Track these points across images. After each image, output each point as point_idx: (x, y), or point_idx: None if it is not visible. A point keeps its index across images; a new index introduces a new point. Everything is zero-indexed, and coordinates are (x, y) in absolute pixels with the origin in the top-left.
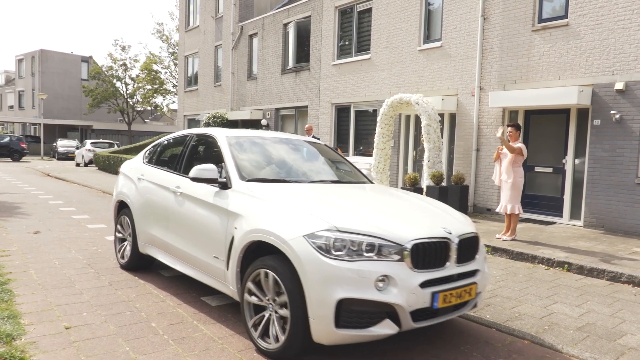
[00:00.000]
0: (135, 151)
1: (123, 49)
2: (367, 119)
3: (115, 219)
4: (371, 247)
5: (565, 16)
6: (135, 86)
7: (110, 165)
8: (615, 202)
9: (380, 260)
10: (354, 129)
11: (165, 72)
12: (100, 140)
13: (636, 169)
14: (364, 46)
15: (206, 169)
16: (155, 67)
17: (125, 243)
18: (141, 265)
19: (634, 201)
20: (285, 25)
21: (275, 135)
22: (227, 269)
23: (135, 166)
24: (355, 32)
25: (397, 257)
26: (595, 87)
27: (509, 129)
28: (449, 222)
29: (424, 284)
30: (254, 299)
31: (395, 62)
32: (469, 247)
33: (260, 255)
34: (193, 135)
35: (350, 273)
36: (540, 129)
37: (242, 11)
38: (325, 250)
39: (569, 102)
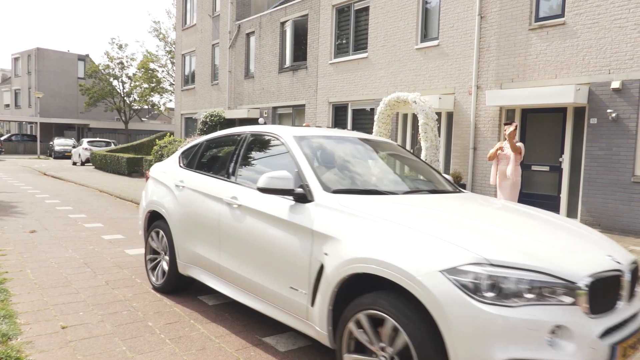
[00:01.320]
0: (132, 150)
1: (120, 47)
2: (364, 118)
3: (145, 231)
4: (536, 287)
5: (561, 15)
6: (132, 85)
7: (107, 164)
8: (611, 200)
9: (549, 305)
10: (352, 127)
11: (162, 71)
12: (97, 139)
13: (632, 168)
14: (361, 45)
15: (280, 177)
16: (152, 65)
17: (160, 261)
18: (180, 287)
19: (631, 199)
20: (283, 23)
21: (344, 134)
22: (312, 304)
23: (171, 170)
24: (352, 31)
25: (569, 299)
26: (592, 86)
27: (506, 127)
28: (611, 248)
29: (603, 334)
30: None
31: (392, 60)
32: (636, 279)
33: (359, 289)
34: (246, 135)
35: (515, 324)
36: (537, 128)
37: (239, 9)
38: (473, 291)
39: (566, 101)
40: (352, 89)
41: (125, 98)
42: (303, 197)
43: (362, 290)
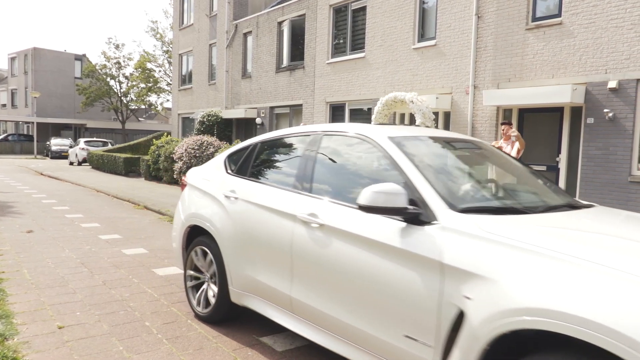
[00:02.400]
0: (129, 150)
1: (117, 47)
2: (361, 118)
3: (183, 249)
4: None
5: (558, 15)
6: (129, 84)
7: (104, 164)
8: (608, 200)
9: None
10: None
11: (160, 71)
12: (94, 138)
13: (629, 167)
14: (358, 44)
15: (389, 191)
16: (149, 65)
17: (204, 284)
18: (231, 316)
19: (627, 199)
20: (280, 23)
21: (443, 135)
22: None
23: (217, 178)
24: (349, 31)
25: None
26: (589, 86)
27: (504, 126)
28: None
29: None
30: None
31: (389, 60)
32: None
33: (509, 345)
34: (318, 135)
35: None
36: (534, 128)
37: (237, 9)
38: None
39: (563, 101)
40: (350, 88)
41: (122, 98)
42: (416, 218)
43: (520, 349)
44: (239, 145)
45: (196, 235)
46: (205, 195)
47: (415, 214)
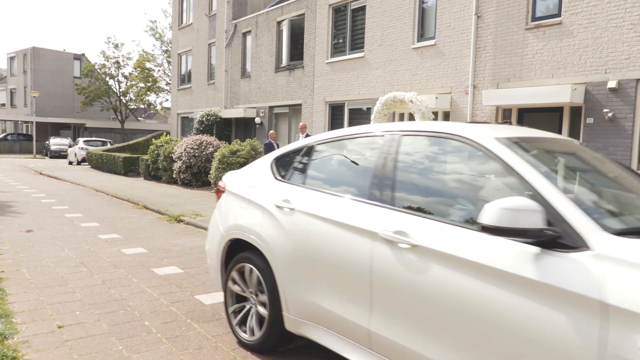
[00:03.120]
0: (128, 149)
1: (116, 46)
2: (361, 117)
3: (222, 267)
4: None
5: (558, 14)
6: (128, 84)
7: (103, 164)
8: None
9: None
10: (348, 127)
11: (159, 70)
12: (93, 138)
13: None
14: (357, 44)
15: (523, 208)
16: (148, 65)
17: (250, 308)
18: (284, 345)
19: None
20: (279, 23)
21: (550, 136)
22: None
23: (263, 184)
24: (349, 30)
25: None
26: (588, 86)
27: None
28: None
29: None
30: None
31: (389, 60)
32: None
33: None
34: (397, 135)
35: None
36: (533, 127)
37: (236, 9)
38: None
39: (562, 101)
40: (349, 88)
41: (121, 97)
42: (554, 242)
43: None
44: (289, 147)
45: (238, 250)
46: (250, 204)
47: (554, 237)
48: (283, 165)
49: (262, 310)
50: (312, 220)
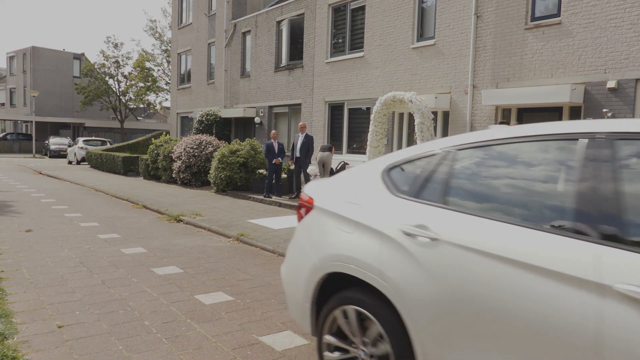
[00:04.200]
0: (128, 149)
1: (115, 46)
2: (360, 117)
3: (312, 304)
4: None
5: (557, 14)
6: (127, 84)
7: (102, 163)
8: None
9: None
10: (348, 127)
11: (158, 70)
12: (93, 137)
13: None
14: (357, 44)
15: None
16: (147, 64)
17: None
18: None
19: None
20: (279, 22)
21: None
22: None
23: (376, 201)
24: (348, 30)
25: None
26: (588, 86)
27: (502, 126)
28: None
29: None
30: None
31: (388, 60)
32: None
33: None
34: (601, 138)
35: None
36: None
37: (235, 9)
38: None
39: (562, 100)
40: (348, 88)
41: (120, 97)
42: None
43: None
44: (409, 153)
45: (337, 286)
46: (358, 228)
47: None
48: (404, 177)
49: None
50: (475, 257)
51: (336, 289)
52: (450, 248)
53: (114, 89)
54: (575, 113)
